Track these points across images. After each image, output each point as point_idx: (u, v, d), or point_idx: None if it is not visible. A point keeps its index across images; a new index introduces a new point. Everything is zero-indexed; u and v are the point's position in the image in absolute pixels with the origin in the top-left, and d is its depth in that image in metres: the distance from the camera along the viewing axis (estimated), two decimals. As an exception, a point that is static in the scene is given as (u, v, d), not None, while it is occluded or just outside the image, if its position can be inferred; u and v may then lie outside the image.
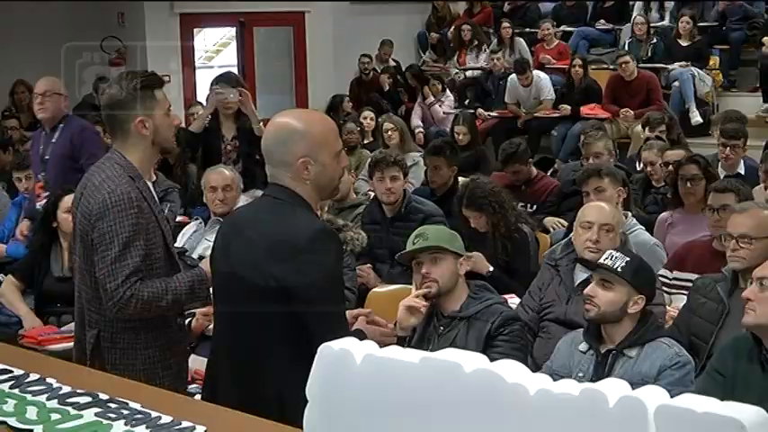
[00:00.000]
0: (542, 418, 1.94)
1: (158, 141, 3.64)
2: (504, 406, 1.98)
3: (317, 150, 3.14)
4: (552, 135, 11.92)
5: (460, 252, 4.25)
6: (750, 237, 4.31)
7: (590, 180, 5.75)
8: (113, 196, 3.45)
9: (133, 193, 3.49)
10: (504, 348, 3.98)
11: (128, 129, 3.58)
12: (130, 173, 3.54)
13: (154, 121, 3.59)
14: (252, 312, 3.11)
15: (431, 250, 4.16)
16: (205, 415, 2.63)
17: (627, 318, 3.85)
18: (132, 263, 3.41)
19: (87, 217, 3.51)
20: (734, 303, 4.03)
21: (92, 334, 3.57)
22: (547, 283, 4.93)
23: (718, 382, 3.46)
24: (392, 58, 14.23)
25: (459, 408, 2.05)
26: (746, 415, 1.75)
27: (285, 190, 3.14)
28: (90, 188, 3.55)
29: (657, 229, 6.17)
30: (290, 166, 3.12)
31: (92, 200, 3.50)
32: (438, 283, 4.14)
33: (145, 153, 3.63)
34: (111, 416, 2.59)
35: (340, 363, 2.22)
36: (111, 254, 3.41)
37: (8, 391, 2.80)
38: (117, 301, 3.40)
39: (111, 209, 3.43)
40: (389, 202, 6.24)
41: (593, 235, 4.68)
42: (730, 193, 5.34)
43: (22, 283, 5.69)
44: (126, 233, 3.42)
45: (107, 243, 3.43)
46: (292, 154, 3.12)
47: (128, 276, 3.40)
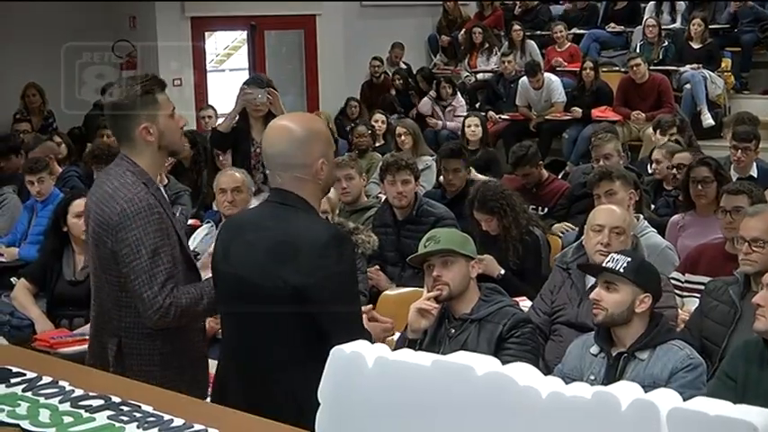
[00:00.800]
0: (554, 421, 1.94)
1: (165, 145, 3.59)
2: (515, 409, 1.98)
3: (328, 149, 3.22)
4: (563, 138, 11.91)
5: (472, 255, 4.25)
6: (763, 240, 4.30)
7: (601, 183, 5.74)
8: (132, 205, 3.40)
9: (151, 199, 3.45)
10: (516, 351, 3.98)
11: (133, 135, 3.53)
12: (143, 179, 3.50)
13: (158, 125, 3.53)
14: (267, 317, 3.12)
15: (442, 253, 4.16)
16: (216, 418, 2.63)
17: (636, 319, 3.85)
18: (165, 269, 3.38)
19: (104, 227, 3.45)
20: (746, 307, 4.02)
21: (113, 342, 3.53)
22: (558, 285, 4.93)
23: (729, 386, 3.46)
24: (403, 61, 14.23)
25: (470, 410, 2.05)
26: (758, 417, 1.75)
27: (290, 195, 3.16)
28: (103, 196, 3.49)
29: (669, 231, 6.16)
30: (309, 168, 3.14)
31: (107, 209, 3.44)
32: (449, 286, 4.14)
33: (153, 158, 3.58)
34: (124, 419, 2.59)
35: (352, 366, 2.22)
36: (141, 263, 3.36)
37: (21, 394, 2.81)
38: (157, 310, 3.36)
39: (132, 218, 3.39)
40: (400, 206, 6.23)
41: (603, 238, 4.68)
42: (743, 196, 5.33)
43: (34, 287, 5.70)
44: (152, 240, 3.38)
45: (135, 253, 3.37)
46: (311, 156, 3.14)
47: (163, 284, 3.36)
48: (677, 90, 11.88)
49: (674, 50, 12.43)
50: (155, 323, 3.41)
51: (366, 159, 9.38)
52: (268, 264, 3.10)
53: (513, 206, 5.78)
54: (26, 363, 3.12)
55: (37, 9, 11.77)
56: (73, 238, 5.63)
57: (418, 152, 9.03)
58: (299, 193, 3.15)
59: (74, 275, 5.60)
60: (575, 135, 11.66)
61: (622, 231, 4.70)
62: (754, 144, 7.51)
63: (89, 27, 11.82)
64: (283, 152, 3.17)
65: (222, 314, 3.46)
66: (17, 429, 2.59)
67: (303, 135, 3.17)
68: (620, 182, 5.68)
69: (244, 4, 12.83)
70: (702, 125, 11.43)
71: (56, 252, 5.74)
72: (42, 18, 11.84)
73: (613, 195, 5.60)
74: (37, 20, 11.87)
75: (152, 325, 3.43)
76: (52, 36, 11.01)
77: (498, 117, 12.57)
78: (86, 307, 4.07)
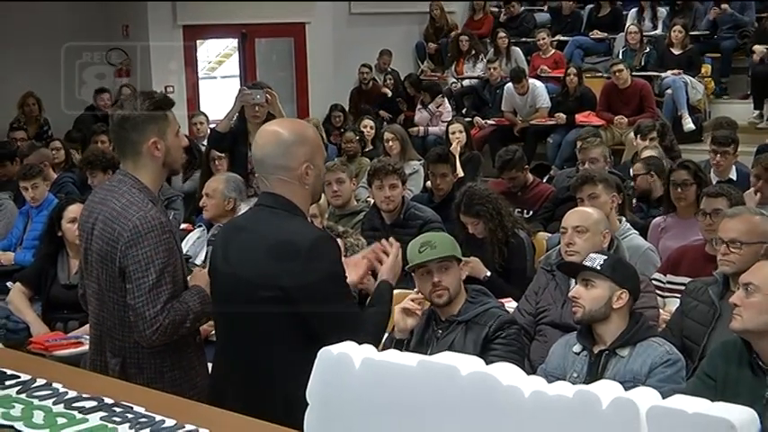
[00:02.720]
0: (537, 419, 1.94)
1: (169, 162, 3.55)
2: (499, 408, 1.99)
3: (315, 155, 3.20)
4: (548, 142, 11.92)
5: (461, 258, 4.26)
6: (740, 242, 4.31)
7: (584, 186, 5.74)
8: (146, 222, 3.35)
9: (163, 218, 3.42)
10: (502, 351, 3.99)
11: (140, 150, 3.47)
12: (150, 197, 3.45)
13: (165, 141, 3.49)
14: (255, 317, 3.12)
15: (441, 259, 4.16)
16: (208, 418, 2.63)
17: (615, 315, 3.85)
18: (168, 289, 3.35)
19: (113, 243, 3.38)
20: (725, 306, 4.02)
21: (116, 362, 3.47)
22: (543, 287, 4.93)
23: (709, 385, 3.46)
24: (391, 68, 14.25)
25: (455, 410, 2.05)
26: (736, 415, 1.76)
27: (279, 198, 3.16)
28: (111, 213, 3.41)
29: (651, 233, 6.17)
30: (293, 171, 3.14)
31: (117, 226, 3.37)
32: (449, 290, 4.15)
33: (155, 174, 3.53)
34: (116, 419, 2.59)
35: (339, 366, 2.23)
36: (148, 281, 3.32)
37: (15, 396, 2.81)
38: (157, 329, 3.32)
39: (144, 235, 3.33)
40: (388, 210, 6.23)
41: (566, 238, 4.72)
42: (722, 198, 5.34)
43: (29, 291, 5.69)
44: (161, 260, 3.34)
45: (143, 270, 3.33)
46: (296, 159, 3.14)
47: (165, 303, 3.33)
48: (659, 95, 11.92)
49: (655, 56, 12.47)
50: (152, 341, 3.37)
51: (355, 164, 9.38)
52: (255, 266, 3.10)
53: (498, 209, 5.78)
54: (21, 365, 3.12)
55: (37, 9, 11.74)
56: (67, 242, 5.62)
57: (406, 157, 9.02)
58: (287, 197, 3.16)
59: (68, 279, 5.59)
60: (559, 139, 11.68)
61: (584, 230, 4.71)
62: (733, 148, 7.54)
63: (86, 32, 11.81)
64: (268, 154, 3.18)
65: (215, 315, 3.45)
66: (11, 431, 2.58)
67: (288, 139, 3.17)
68: (602, 185, 5.68)
69: (235, 13, 12.85)
70: (683, 129, 11.46)
71: (50, 256, 5.73)
72: (39, 21, 11.83)
73: (596, 198, 5.60)
74: (34, 24, 11.85)
75: (147, 343, 3.38)
76: (49, 40, 11.01)
77: (484, 122, 12.59)
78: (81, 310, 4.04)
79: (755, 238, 4.33)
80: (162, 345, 3.41)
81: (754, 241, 4.31)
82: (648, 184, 7.09)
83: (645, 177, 7.12)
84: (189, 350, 3.56)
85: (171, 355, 3.48)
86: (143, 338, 3.37)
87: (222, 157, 7.62)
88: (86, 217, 3.57)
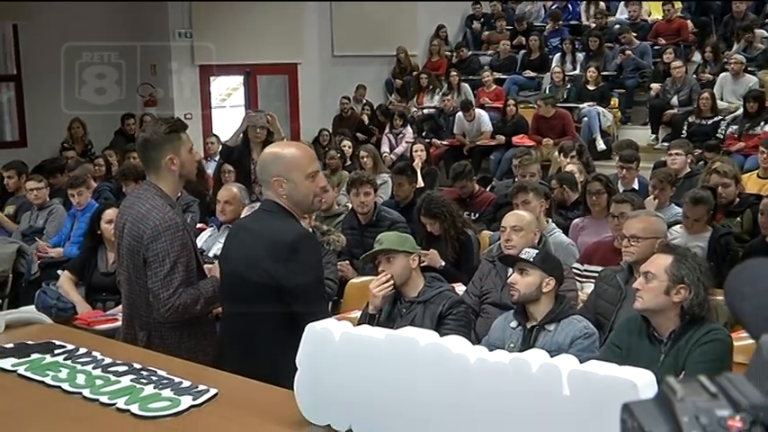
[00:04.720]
0: (480, 381, 1.94)
1: (184, 174, 3.53)
2: (450, 371, 1.99)
3: (289, 170, 3.10)
4: (490, 159, 11.96)
5: (411, 251, 4.20)
6: (638, 237, 4.33)
7: (518, 194, 5.75)
8: (164, 223, 3.34)
9: (178, 219, 3.41)
10: (453, 326, 3.97)
11: (159, 165, 3.45)
12: (169, 202, 3.44)
13: (180, 157, 3.47)
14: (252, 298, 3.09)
15: (384, 252, 4.14)
16: (216, 380, 2.62)
17: (544, 298, 3.85)
18: (180, 276, 3.33)
19: (138, 240, 3.37)
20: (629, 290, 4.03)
21: (143, 334, 3.46)
22: (486, 274, 4.93)
23: (616, 353, 3.46)
24: (366, 99, 14.23)
25: (415, 373, 2.05)
26: (637, 376, 1.76)
27: (272, 203, 3.14)
28: (137, 216, 3.40)
29: (571, 231, 6.20)
30: (268, 183, 3.13)
31: (142, 225, 3.37)
32: (392, 277, 4.13)
33: (173, 184, 3.51)
34: (143, 381, 2.58)
35: (323, 338, 2.22)
36: (163, 270, 3.31)
37: (62, 362, 2.79)
38: (169, 308, 3.32)
39: (163, 232, 3.32)
40: (363, 213, 6.22)
41: (505, 236, 4.72)
42: (627, 204, 5.37)
43: (75, 277, 5.63)
44: (176, 253, 3.33)
45: (160, 261, 3.32)
46: (268, 173, 3.12)
47: (176, 288, 3.32)
48: (577, 122, 11.97)
49: (574, 91, 12.52)
50: (165, 318, 3.36)
51: (336, 176, 9.34)
52: (252, 257, 3.08)
53: (451, 212, 5.78)
54: (67, 337, 3.11)
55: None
56: (105, 239, 5.56)
57: (377, 170, 9.01)
58: (279, 201, 3.13)
59: (106, 268, 5.53)
60: (499, 157, 11.75)
61: (520, 229, 4.71)
62: (636, 164, 7.61)
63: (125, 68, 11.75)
64: (260, 169, 3.19)
65: (222, 298, 3.43)
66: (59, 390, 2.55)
67: (265, 158, 3.17)
68: (533, 193, 5.69)
69: (241, 55, 12.84)
70: (597, 149, 11.52)
71: (92, 250, 5.68)
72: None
73: (528, 204, 5.60)
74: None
75: (162, 319, 3.37)
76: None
77: (440, 143, 12.61)
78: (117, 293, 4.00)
79: (651, 234, 4.35)
80: (176, 321, 3.39)
81: (650, 236, 4.33)
82: (562, 195, 7.09)
83: (560, 190, 7.11)
84: (202, 325, 3.53)
85: (187, 329, 3.46)
86: (159, 315, 3.37)
87: (231, 170, 7.63)
88: (119, 219, 3.57)
